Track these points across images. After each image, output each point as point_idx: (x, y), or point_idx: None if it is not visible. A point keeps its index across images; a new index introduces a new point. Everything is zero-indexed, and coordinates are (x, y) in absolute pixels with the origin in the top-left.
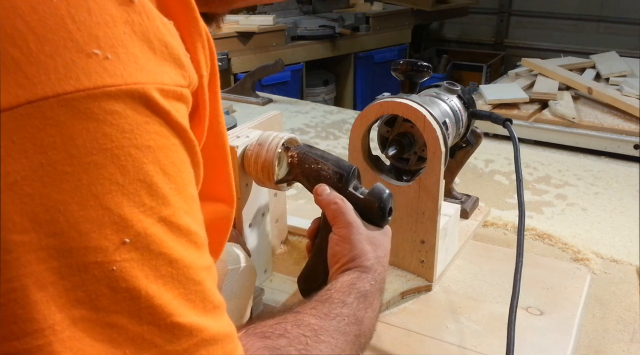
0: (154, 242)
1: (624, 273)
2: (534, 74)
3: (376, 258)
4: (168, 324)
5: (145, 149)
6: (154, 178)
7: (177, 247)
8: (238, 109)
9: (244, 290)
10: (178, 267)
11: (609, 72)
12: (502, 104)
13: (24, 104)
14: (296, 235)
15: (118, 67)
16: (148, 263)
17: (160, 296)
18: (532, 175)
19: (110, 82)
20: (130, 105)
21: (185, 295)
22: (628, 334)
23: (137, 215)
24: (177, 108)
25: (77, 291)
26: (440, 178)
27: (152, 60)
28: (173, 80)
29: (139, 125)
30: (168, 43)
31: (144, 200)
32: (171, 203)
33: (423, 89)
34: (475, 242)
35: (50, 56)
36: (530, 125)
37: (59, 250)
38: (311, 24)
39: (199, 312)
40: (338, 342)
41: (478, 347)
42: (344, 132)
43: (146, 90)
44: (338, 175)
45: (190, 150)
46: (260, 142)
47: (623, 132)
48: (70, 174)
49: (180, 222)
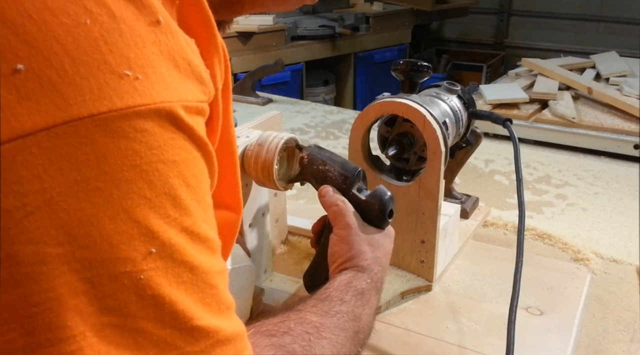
0: (177, 251)
1: (624, 273)
2: (534, 74)
3: (374, 258)
4: (189, 327)
5: (171, 164)
6: (178, 191)
7: (197, 255)
8: (238, 109)
9: (244, 290)
10: (197, 273)
11: (609, 72)
12: (502, 104)
13: (61, 124)
14: (296, 235)
15: (147, 87)
16: (172, 271)
17: (182, 302)
18: (532, 175)
19: (140, 101)
20: (158, 123)
21: (203, 299)
22: (628, 334)
23: (163, 226)
24: (198, 122)
25: (108, 299)
26: (440, 178)
27: (177, 79)
28: (195, 97)
29: (166, 141)
30: (191, 61)
31: (169, 212)
32: (192, 213)
33: (423, 89)
34: (475, 242)
35: (85, 78)
36: (530, 125)
37: (92, 261)
38: (311, 24)
39: (214, 314)
40: (339, 338)
41: (478, 347)
42: (344, 132)
43: (172, 108)
44: (343, 177)
45: (209, 161)
46: (260, 142)
47: (623, 132)
48: (103, 189)
49: (199, 231)
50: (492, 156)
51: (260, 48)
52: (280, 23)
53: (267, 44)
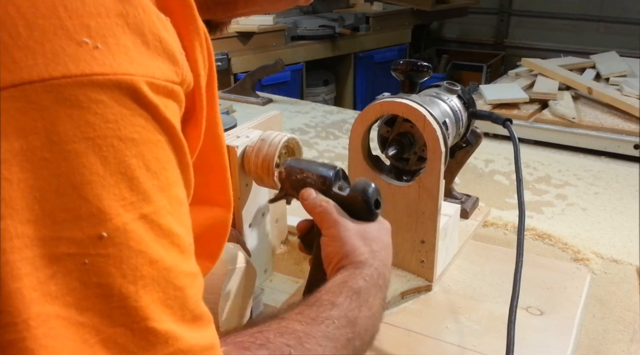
0: (132, 238)
1: (624, 273)
2: (534, 74)
3: (370, 252)
4: (142, 328)
5: (128, 142)
6: (135, 172)
7: (158, 248)
8: (238, 109)
9: (244, 290)
10: (158, 268)
11: (609, 72)
12: (502, 104)
13: (9, 87)
14: (296, 235)
15: (107, 57)
16: (126, 261)
17: (136, 298)
18: (532, 175)
19: (98, 70)
20: (116, 96)
21: (163, 300)
22: (628, 334)
23: (117, 209)
24: (167, 104)
25: (50, 284)
26: (440, 178)
27: (144, 54)
28: (164, 75)
29: (124, 116)
30: (163, 38)
31: (125, 194)
32: (153, 200)
33: (423, 89)
34: (475, 242)
35: (39, 42)
36: (530, 125)
37: (32, 238)
38: (311, 24)
39: (177, 319)
40: (325, 350)
41: (478, 347)
42: (344, 132)
43: (134, 82)
44: (322, 179)
45: (178, 150)
46: (263, 138)
47: (623, 132)
48: (49, 160)
49: (162, 222)
50: (492, 156)
51: (260, 48)
52: (280, 23)
53: (267, 44)
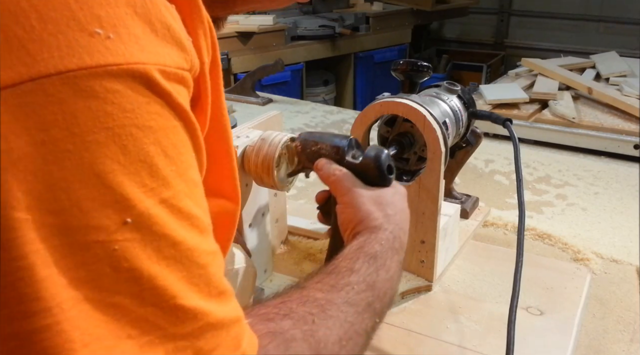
0: (156, 223)
1: (624, 273)
2: (534, 74)
3: (385, 216)
4: (172, 306)
5: (146, 129)
6: (154, 159)
7: (180, 230)
8: (238, 109)
9: (243, 290)
10: (181, 250)
11: (609, 72)
12: (502, 104)
13: (27, 81)
14: (296, 235)
15: (120, 46)
16: (150, 244)
17: (163, 278)
18: (532, 175)
19: (112, 61)
20: (131, 84)
21: (189, 278)
22: (628, 334)
23: (139, 195)
24: (179, 91)
25: (80, 270)
26: (440, 178)
27: (154, 42)
28: (175, 62)
29: (140, 105)
30: (170, 25)
31: (145, 181)
32: (172, 185)
33: (423, 89)
34: (475, 242)
35: (53, 34)
36: (530, 125)
37: (61, 228)
38: (311, 24)
39: (203, 296)
40: (347, 316)
41: (478, 347)
42: (344, 132)
43: (147, 71)
44: (335, 149)
45: (192, 133)
46: (263, 137)
47: (623, 132)
48: (72, 152)
49: (181, 205)
50: (492, 156)
51: (260, 48)
52: (281, 23)
53: (267, 44)
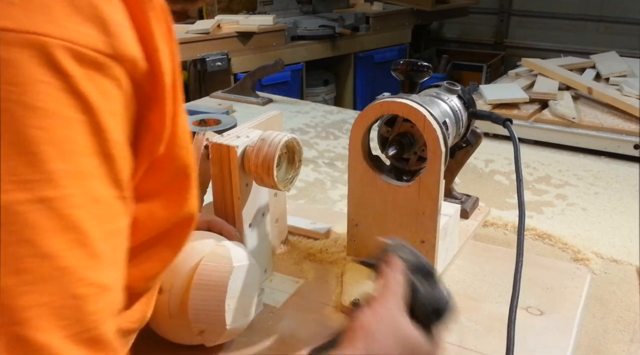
0: (19, 222)
1: (624, 273)
2: (534, 74)
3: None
4: (16, 334)
5: (34, 110)
6: (39, 147)
7: (55, 241)
8: (238, 109)
9: (248, 288)
10: (50, 266)
11: (609, 72)
12: (502, 104)
13: None
14: (296, 235)
15: (22, 13)
16: (7, 248)
17: (14, 295)
18: (532, 175)
19: (9, 26)
20: (27, 57)
21: (52, 306)
22: (628, 334)
23: (5, 184)
24: (93, 78)
25: None
26: (440, 178)
27: (70, 17)
28: (87, 43)
29: (32, 82)
30: (98, 5)
31: (19, 169)
32: (60, 185)
33: (423, 89)
34: (475, 242)
35: None
36: (530, 125)
37: None
38: (311, 24)
39: (66, 335)
40: None
41: (478, 347)
42: (344, 132)
43: (47, 44)
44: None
45: (103, 138)
46: (263, 138)
47: (623, 132)
48: None
49: (68, 212)
50: (492, 156)
51: (260, 48)
52: (280, 23)
53: (267, 44)
